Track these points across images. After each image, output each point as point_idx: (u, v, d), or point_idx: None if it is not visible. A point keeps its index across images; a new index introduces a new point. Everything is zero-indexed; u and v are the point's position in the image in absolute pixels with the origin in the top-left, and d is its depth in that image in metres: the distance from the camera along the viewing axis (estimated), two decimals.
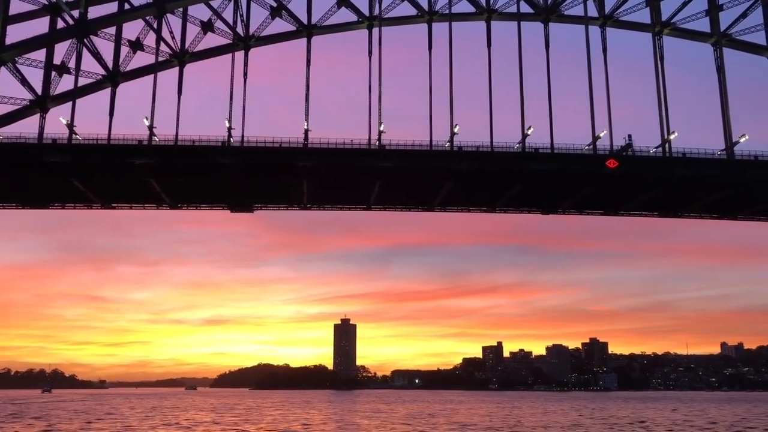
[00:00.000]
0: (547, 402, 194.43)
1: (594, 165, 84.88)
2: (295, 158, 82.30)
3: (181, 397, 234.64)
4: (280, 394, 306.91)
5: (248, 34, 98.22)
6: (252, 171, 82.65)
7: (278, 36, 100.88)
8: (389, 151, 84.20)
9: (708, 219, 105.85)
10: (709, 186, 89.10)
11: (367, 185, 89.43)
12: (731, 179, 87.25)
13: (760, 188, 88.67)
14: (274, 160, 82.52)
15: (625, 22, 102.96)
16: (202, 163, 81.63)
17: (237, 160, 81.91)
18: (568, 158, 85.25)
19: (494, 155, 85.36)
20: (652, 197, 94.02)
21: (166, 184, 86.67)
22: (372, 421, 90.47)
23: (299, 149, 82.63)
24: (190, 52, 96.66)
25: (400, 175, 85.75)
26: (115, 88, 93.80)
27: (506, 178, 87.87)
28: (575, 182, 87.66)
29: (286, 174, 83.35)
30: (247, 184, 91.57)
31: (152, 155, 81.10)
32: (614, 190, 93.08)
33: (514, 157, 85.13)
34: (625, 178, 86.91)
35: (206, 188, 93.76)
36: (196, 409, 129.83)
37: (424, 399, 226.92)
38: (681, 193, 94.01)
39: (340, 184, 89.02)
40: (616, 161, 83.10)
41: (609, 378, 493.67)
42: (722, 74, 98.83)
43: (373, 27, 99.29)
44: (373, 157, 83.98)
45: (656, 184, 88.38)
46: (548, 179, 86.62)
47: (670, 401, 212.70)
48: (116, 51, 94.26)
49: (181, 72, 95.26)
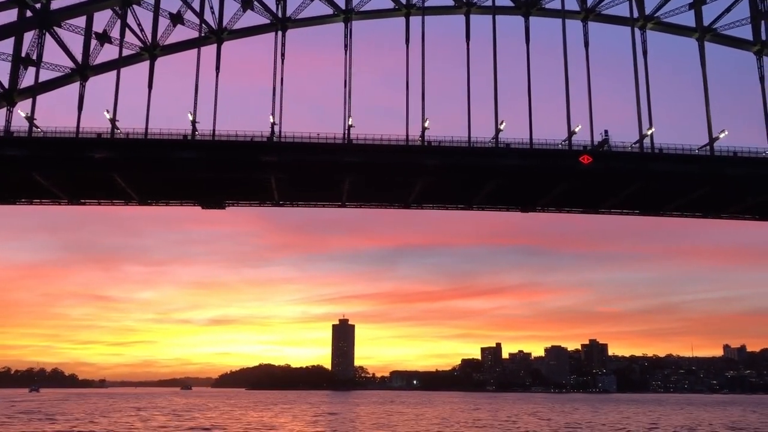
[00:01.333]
0: (528, 404, 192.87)
1: (568, 161, 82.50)
2: (261, 153, 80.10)
3: (168, 397, 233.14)
4: (273, 395, 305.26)
5: (221, 27, 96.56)
6: (216, 166, 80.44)
7: (251, 29, 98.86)
8: (357, 145, 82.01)
9: (691, 218, 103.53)
10: (688, 183, 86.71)
11: (338, 181, 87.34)
12: (709, 176, 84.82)
13: (739, 185, 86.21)
14: (239, 154, 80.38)
15: (607, 15, 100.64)
16: (162, 157, 79.46)
17: (200, 154, 79.71)
18: (542, 154, 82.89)
19: (466, 150, 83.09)
20: (632, 194, 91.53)
21: (130, 179, 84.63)
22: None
23: (265, 143, 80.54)
24: (161, 46, 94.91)
25: (369, 171, 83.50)
26: (85, 81, 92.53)
27: (480, 175, 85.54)
28: (549, 179, 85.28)
29: (252, 169, 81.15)
30: (217, 180, 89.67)
31: (112, 149, 79.00)
32: (592, 187, 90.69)
33: (487, 153, 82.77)
34: (600, 175, 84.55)
35: (175, 184, 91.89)
36: (159, 410, 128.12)
37: (404, 400, 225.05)
38: (661, 191, 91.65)
39: (310, 180, 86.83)
40: (590, 157, 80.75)
41: (608, 380, 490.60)
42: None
43: (349, 20, 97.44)
44: (342, 152, 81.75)
45: (633, 180, 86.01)
46: (522, 176, 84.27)
47: (658, 404, 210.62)
48: (86, 44, 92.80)
49: (152, 66, 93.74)
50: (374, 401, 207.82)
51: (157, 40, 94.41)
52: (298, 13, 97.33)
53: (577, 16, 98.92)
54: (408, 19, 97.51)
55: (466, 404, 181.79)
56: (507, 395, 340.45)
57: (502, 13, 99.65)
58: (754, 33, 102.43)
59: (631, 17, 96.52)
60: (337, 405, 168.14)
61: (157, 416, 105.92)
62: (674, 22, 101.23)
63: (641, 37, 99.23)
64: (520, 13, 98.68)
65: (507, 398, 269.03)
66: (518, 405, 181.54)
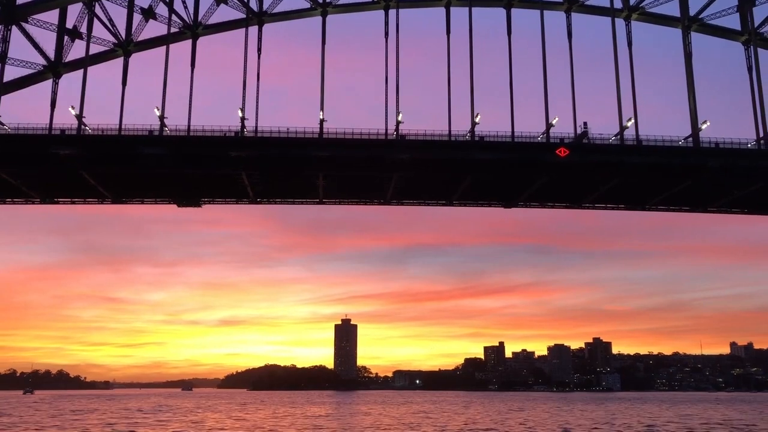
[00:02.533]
0: (516, 402, 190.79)
1: (544, 154, 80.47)
2: (230, 148, 78.44)
3: (159, 398, 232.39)
4: (271, 395, 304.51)
5: (196, 21, 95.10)
6: (184, 162, 78.78)
7: (227, 24, 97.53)
8: (328, 139, 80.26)
9: (677, 212, 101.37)
10: (670, 176, 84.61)
11: (313, 177, 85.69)
12: (690, 168, 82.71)
13: (722, 178, 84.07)
14: (207, 150, 78.72)
15: (590, 6, 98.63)
16: (128, 154, 77.89)
17: (166, 150, 78.11)
18: (518, 147, 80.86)
19: (440, 144, 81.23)
20: (614, 188, 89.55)
21: (99, 177, 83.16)
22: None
23: (233, 139, 78.96)
24: (135, 42, 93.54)
25: (342, 166, 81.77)
26: (58, 78, 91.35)
27: (456, 169, 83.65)
28: (528, 173, 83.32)
29: (221, 165, 79.55)
30: (192, 177, 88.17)
31: (76, 145, 77.47)
32: (573, 181, 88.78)
33: (461, 147, 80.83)
34: (579, 168, 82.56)
35: (150, 182, 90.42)
36: (137, 412, 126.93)
37: (396, 400, 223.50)
38: (643, 184, 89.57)
39: (282, 176, 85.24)
40: (566, 150, 78.71)
41: (612, 378, 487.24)
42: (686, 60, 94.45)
43: (327, 14, 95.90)
44: (313, 146, 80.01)
45: (613, 173, 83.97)
46: (498, 169, 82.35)
47: (654, 402, 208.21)
48: (59, 40, 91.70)
49: (126, 62, 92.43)
50: (363, 401, 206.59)
51: (131, 35, 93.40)
52: (274, 7, 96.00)
53: (560, 8, 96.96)
54: (387, 12, 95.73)
55: (458, 403, 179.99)
56: (508, 394, 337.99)
57: (483, 5, 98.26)
58: (742, 22, 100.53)
59: (611, 7, 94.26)
60: (320, 405, 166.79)
61: (111, 418, 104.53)
62: (659, 12, 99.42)
63: (626, 28, 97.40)
64: (501, 4, 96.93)
65: (502, 397, 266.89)
66: (510, 403, 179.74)
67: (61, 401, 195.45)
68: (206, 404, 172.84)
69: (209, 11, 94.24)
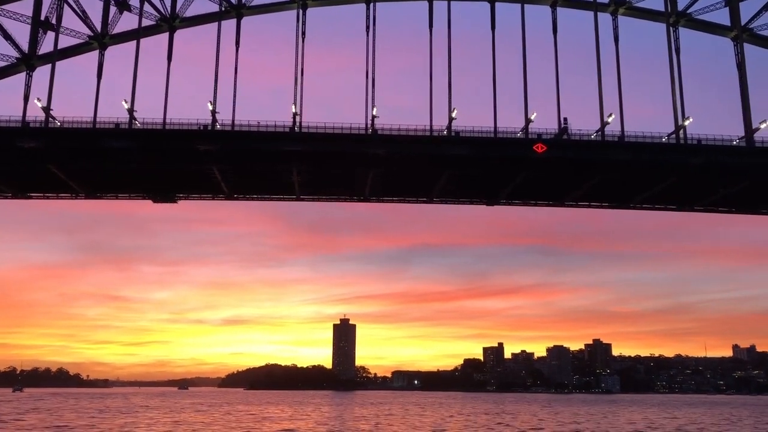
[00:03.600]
0: (501, 403, 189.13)
1: (521, 150, 78.43)
2: (198, 142, 76.53)
3: (147, 398, 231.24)
4: (263, 394, 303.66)
5: (173, 14, 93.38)
6: (150, 155, 76.97)
7: (205, 17, 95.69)
8: (301, 134, 78.34)
9: (664, 210, 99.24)
10: (652, 173, 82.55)
11: (287, 172, 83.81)
12: (673, 166, 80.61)
13: (705, 175, 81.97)
14: (175, 143, 76.89)
15: (577, 1, 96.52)
16: (93, 147, 76.13)
17: (132, 143, 76.31)
18: (494, 143, 78.78)
19: (414, 139, 79.13)
20: (597, 185, 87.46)
21: (69, 171, 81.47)
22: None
23: (201, 132, 76.94)
24: (110, 35, 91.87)
25: (315, 160, 79.95)
26: (32, 71, 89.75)
27: (431, 165, 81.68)
28: (507, 169, 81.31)
29: (190, 159, 77.75)
30: (166, 172, 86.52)
31: (41, 138, 75.73)
32: (554, 178, 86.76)
33: (436, 142, 78.80)
34: (558, 165, 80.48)
35: (123, 176, 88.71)
36: (107, 411, 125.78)
37: (385, 400, 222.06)
38: (627, 181, 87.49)
39: (256, 171, 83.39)
40: (544, 146, 76.63)
41: (611, 380, 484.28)
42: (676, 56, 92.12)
43: (306, 7, 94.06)
44: (285, 140, 78.10)
45: (593, 170, 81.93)
46: (474, 165, 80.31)
47: (641, 404, 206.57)
48: (33, 32, 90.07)
49: (101, 55, 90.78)
50: (347, 401, 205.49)
51: (107, 28, 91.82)
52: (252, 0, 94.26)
53: (545, 2, 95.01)
54: (368, 5, 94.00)
55: (439, 404, 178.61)
56: (503, 395, 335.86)
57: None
58: (732, 17, 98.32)
59: (595, 2, 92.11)
60: (301, 405, 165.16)
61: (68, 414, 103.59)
62: (646, 7, 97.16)
63: (612, 23, 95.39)
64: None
65: (494, 398, 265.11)
66: (495, 404, 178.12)
67: (43, 399, 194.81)
68: (183, 403, 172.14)
69: (186, 3, 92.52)
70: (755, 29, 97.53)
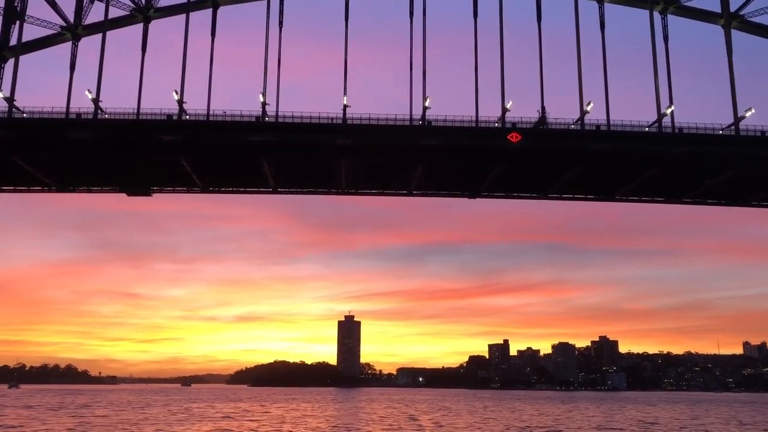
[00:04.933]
0: (492, 400, 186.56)
1: (495, 139, 75.96)
2: (161, 132, 74.63)
3: (140, 395, 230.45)
4: (265, 391, 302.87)
5: (148, 3, 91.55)
6: (113, 146, 75.15)
7: (180, 6, 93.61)
8: (268, 124, 76.30)
9: (651, 203, 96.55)
10: (633, 163, 79.98)
11: (257, 164, 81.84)
12: (655, 155, 77.95)
13: (688, 165, 79.29)
14: (137, 134, 75.01)
15: None
16: (55, 138, 74.40)
17: (93, 133, 74.50)
18: (467, 133, 76.27)
19: (385, 129, 76.76)
20: (579, 177, 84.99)
21: (35, 163, 79.86)
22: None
23: (164, 122, 74.96)
24: (83, 25, 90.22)
25: (285, 152, 77.93)
26: (4, 63, 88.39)
27: (403, 157, 79.37)
28: (482, 160, 78.91)
29: (154, 150, 75.90)
30: (141, 165, 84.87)
31: (1, 129, 74.07)
32: (534, 170, 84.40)
33: (406, 132, 76.38)
34: (535, 155, 77.99)
35: (96, 169, 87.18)
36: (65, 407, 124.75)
37: (375, 397, 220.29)
38: (609, 172, 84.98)
39: (225, 162, 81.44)
40: (519, 135, 74.13)
41: (618, 377, 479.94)
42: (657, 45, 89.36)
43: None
44: (251, 130, 76.12)
45: (572, 160, 79.40)
46: (447, 155, 77.97)
47: (638, 402, 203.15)
48: (5, 23, 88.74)
49: (75, 46, 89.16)
50: (339, 397, 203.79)
51: (80, 18, 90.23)
52: None
53: None
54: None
55: (426, 401, 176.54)
56: (505, 392, 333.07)
57: None
58: (722, 4, 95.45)
59: None
60: (288, 401, 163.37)
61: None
62: None
63: (599, 10, 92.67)
64: None
65: (493, 395, 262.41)
66: (488, 401, 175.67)
67: (31, 395, 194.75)
68: (167, 399, 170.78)
69: None
70: (746, 16, 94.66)
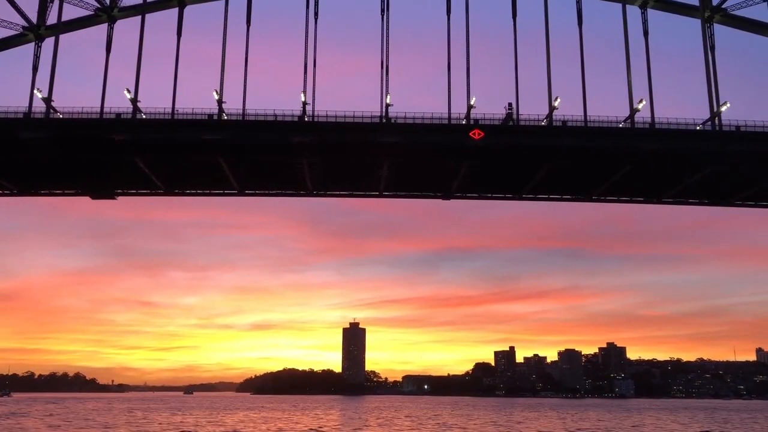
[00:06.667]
0: (480, 409, 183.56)
1: (456, 136, 73.23)
2: (112, 131, 72.48)
3: (132, 404, 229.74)
4: (265, 399, 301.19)
5: (113, 2, 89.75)
6: (63, 146, 73.08)
7: (147, 5, 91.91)
8: (223, 121, 74.00)
9: (630, 203, 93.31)
10: (604, 160, 76.99)
11: (217, 165, 79.44)
12: (625, 152, 74.91)
13: (663, 163, 76.17)
14: (87, 133, 72.87)
15: None
16: (4, 139, 72.43)
17: (43, 133, 72.50)
18: (429, 129, 73.60)
19: (350, 126, 74.24)
20: (552, 175, 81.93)
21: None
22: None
23: (114, 120, 72.81)
24: (46, 26, 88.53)
25: (240, 151, 75.53)
26: None
27: (368, 154, 76.76)
28: (441, 158, 76.22)
29: (106, 150, 73.74)
30: (104, 167, 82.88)
31: None
32: (503, 169, 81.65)
33: (365, 129, 73.78)
34: (500, 153, 75.18)
35: (57, 171, 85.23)
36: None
37: (366, 405, 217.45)
38: (582, 171, 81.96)
39: (181, 163, 79.14)
40: (481, 132, 71.37)
41: (625, 384, 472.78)
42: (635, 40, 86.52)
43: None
44: (206, 129, 73.81)
45: (541, 158, 76.48)
46: (410, 154, 75.31)
47: (639, 410, 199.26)
48: None
49: (38, 47, 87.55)
50: (328, 405, 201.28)
51: (43, 18, 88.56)
52: None
53: None
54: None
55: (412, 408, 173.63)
56: (508, 400, 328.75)
57: None
58: None
59: None
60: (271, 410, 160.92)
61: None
62: None
63: (576, 5, 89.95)
64: None
65: (493, 402, 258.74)
66: (479, 410, 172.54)
67: (18, 404, 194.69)
68: (146, 407, 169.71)
69: None
70: (729, 9, 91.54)
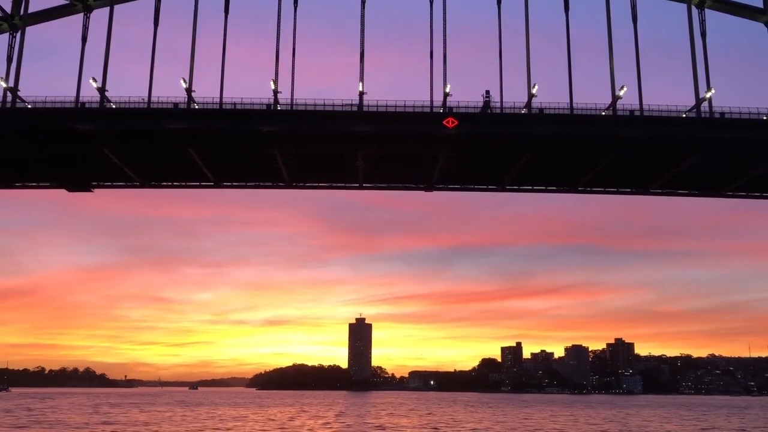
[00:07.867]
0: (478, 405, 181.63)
1: (429, 125, 70.85)
2: (74, 120, 70.58)
3: (132, 397, 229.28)
4: (263, 394, 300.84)
5: None
6: (25, 137, 71.33)
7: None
8: (185, 110, 71.93)
9: (617, 194, 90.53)
10: (586, 148, 74.37)
11: (188, 155, 77.49)
12: (608, 140, 72.27)
13: (645, 151, 73.47)
14: (49, 123, 71.07)
15: None
16: None
17: (7, 124, 70.81)
18: (399, 117, 71.19)
19: (322, 114, 72.00)
20: (533, 166, 79.32)
21: None
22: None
23: (74, 110, 70.79)
24: (20, 16, 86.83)
25: (208, 141, 73.58)
26: None
27: (343, 144, 74.55)
28: (416, 147, 73.89)
29: (70, 141, 71.91)
30: (80, 158, 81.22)
31: None
32: (480, 159, 79.24)
33: (342, 117, 71.54)
34: (476, 141, 72.79)
35: (30, 164, 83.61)
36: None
37: (365, 401, 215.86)
38: (565, 161, 79.36)
39: (153, 153, 77.25)
40: (455, 120, 68.96)
41: (633, 380, 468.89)
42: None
43: None
44: (170, 118, 71.79)
45: (521, 147, 73.92)
46: (382, 143, 73.01)
47: (641, 406, 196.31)
48: None
49: (18, 36, 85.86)
50: (323, 401, 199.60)
51: (19, 8, 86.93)
52: None
53: None
54: None
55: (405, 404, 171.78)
56: (513, 396, 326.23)
57: None
58: None
59: None
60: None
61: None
62: None
63: None
64: None
65: (495, 398, 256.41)
66: (475, 406, 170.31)
67: (12, 400, 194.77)
68: (140, 402, 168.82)
69: None
70: None
